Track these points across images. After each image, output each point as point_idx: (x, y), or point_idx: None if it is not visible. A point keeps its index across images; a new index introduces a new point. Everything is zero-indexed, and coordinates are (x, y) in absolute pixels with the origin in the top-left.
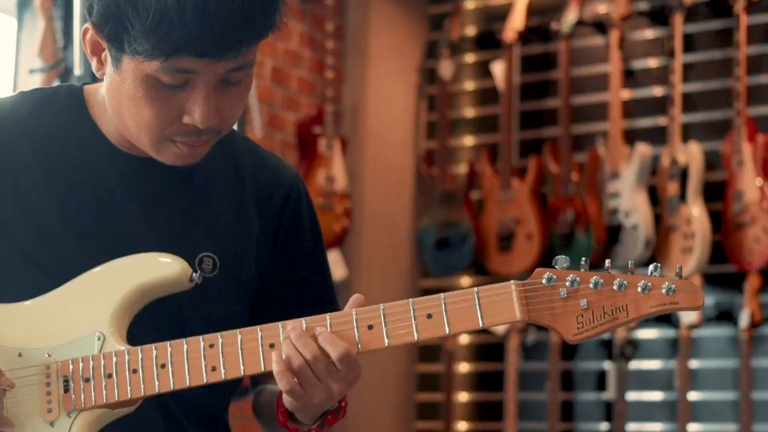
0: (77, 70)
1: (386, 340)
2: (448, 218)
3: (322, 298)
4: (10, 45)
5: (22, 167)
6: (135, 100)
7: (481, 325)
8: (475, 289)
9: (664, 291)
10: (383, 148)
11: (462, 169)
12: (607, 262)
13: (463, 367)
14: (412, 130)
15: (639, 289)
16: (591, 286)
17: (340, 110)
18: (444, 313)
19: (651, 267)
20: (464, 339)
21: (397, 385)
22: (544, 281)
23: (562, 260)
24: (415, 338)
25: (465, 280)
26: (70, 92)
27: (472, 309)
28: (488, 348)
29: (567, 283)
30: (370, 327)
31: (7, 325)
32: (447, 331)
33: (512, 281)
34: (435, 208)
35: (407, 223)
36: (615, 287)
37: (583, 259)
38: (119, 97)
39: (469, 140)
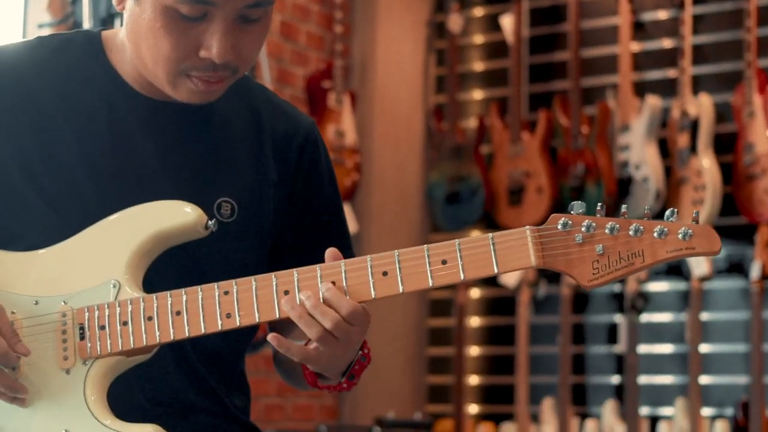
0: (86, 24)
1: (401, 287)
2: (457, 172)
3: (340, 243)
4: (18, 1)
5: (41, 107)
6: (153, 31)
7: (495, 271)
8: (490, 235)
9: (680, 236)
10: (392, 103)
11: (471, 123)
12: (623, 207)
13: (474, 321)
14: (421, 85)
15: (655, 234)
16: (607, 231)
17: (349, 65)
18: (459, 259)
19: (667, 212)
20: (475, 293)
21: (409, 340)
22: (559, 227)
23: (578, 206)
24: (430, 284)
25: (475, 234)
26: (87, 37)
27: (487, 255)
28: (499, 301)
29: (583, 229)
30: (385, 273)
31: (24, 273)
32: (462, 277)
33: (527, 227)
34: (445, 162)
35: (417, 177)
36: (631, 232)
37: (599, 204)
38: (138, 30)
39: (478, 94)
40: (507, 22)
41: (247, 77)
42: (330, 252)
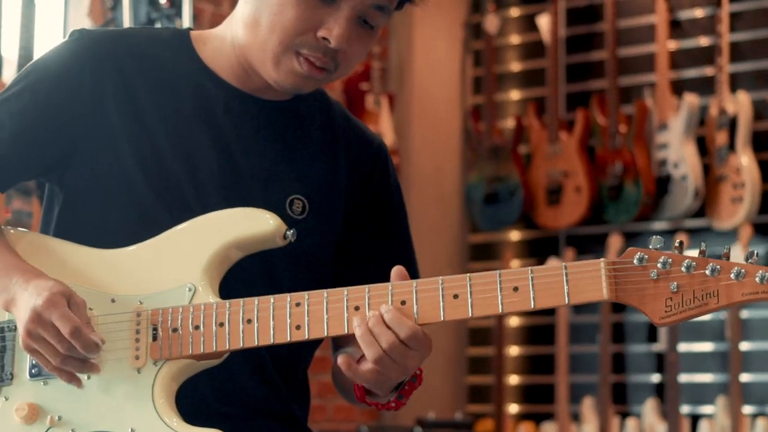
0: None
1: (471, 311)
2: (496, 173)
3: (405, 257)
4: (59, 6)
5: (130, 88)
6: (282, 1)
7: (566, 302)
8: (564, 264)
9: (757, 279)
10: (430, 104)
11: (509, 123)
12: (703, 245)
13: (514, 321)
14: (458, 86)
15: (732, 276)
16: (683, 269)
17: (386, 67)
18: (531, 287)
19: (746, 254)
20: None
21: (449, 340)
22: (635, 261)
23: (656, 241)
24: (500, 311)
25: (514, 235)
26: (176, 32)
27: (560, 285)
28: None
29: (659, 265)
30: (456, 296)
31: (104, 270)
32: (532, 306)
33: (602, 259)
34: (483, 162)
35: (455, 178)
36: (708, 272)
37: (678, 241)
38: (264, 3)
39: (515, 94)
40: (544, 22)
41: (326, 93)
42: (396, 271)
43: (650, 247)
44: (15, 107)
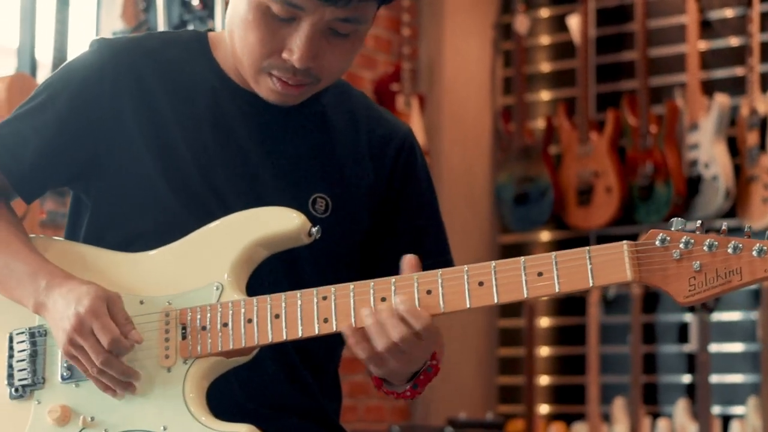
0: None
1: (496, 297)
2: (526, 173)
3: (436, 248)
4: (91, 8)
5: (148, 96)
6: (245, 23)
7: (591, 285)
8: (587, 248)
9: None
10: (460, 105)
11: (539, 123)
12: (724, 224)
13: (545, 322)
14: (488, 86)
15: (754, 253)
16: (705, 248)
17: (416, 67)
18: (555, 271)
19: None
20: None
21: (479, 341)
22: (657, 242)
23: (677, 222)
24: (525, 296)
25: (544, 235)
26: (194, 35)
27: (583, 268)
28: (569, 302)
29: (680, 245)
30: (481, 284)
31: (132, 272)
32: (557, 290)
33: (624, 242)
34: (513, 163)
35: (486, 178)
36: (729, 250)
37: (699, 221)
38: (234, 19)
39: (546, 95)
40: (574, 22)
41: (347, 84)
42: (407, 259)
43: (671, 228)
44: (38, 121)
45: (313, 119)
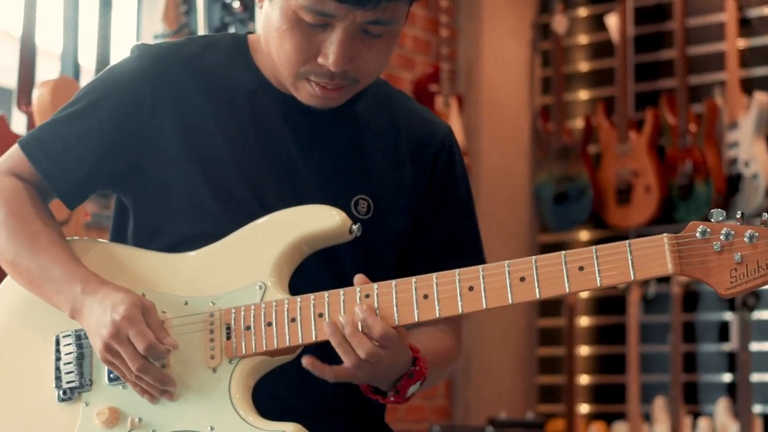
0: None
1: (538, 292)
2: (565, 173)
3: (472, 249)
4: (132, 12)
5: (188, 102)
6: (280, 32)
7: (632, 278)
8: (628, 242)
9: None
10: (499, 105)
11: (578, 123)
12: (765, 215)
13: (584, 321)
14: (527, 86)
15: None
16: (746, 239)
17: (455, 68)
18: (596, 265)
19: None
20: (584, 293)
21: (519, 341)
22: (697, 234)
23: (717, 213)
24: (567, 290)
25: (584, 234)
26: (234, 39)
27: (624, 262)
28: (609, 301)
29: (721, 237)
30: (522, 279)
31: (175, 274)
32: (598, 284)
33: (665, 234)
34: (552, 163)
35: (525, 178)
36: None
37: (739, 212)
38: (269, 29)
39: (584, 94)
40: (612, 21)
41: (387, 84)
42: (358, 277)
43: (711, 219)
44: (80, 126)
45: (353, 121)
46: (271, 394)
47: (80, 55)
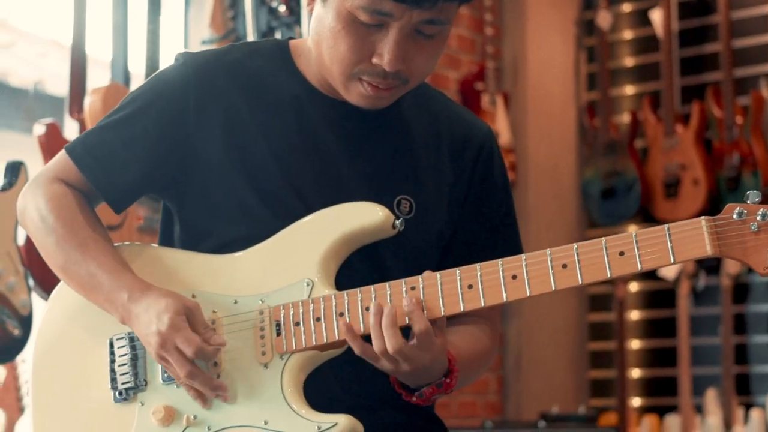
0: (249, 39)
1: (580, 278)
2: (612, 168)
3: (511, 247)
4: (179, 18)
5: (232, 108)
6: (334, 32)
7: (672, 261)
8: (666, 225)
9: None
10: (545, 102)
11: (624, 118)
12: None
13: (634, 315)
14: (572, 82)
15: None
16: None
17: (500, 66)
18: (636, 249)
19: None
20: (634, 286)
21: (570, 335)
22: (734, 216)
23: (753, 195)
24: (608, 275)
25: (632, 229)
26: (276, 44)
27: (664, 245)
28: (659, 294)
29: (758, 217)
30: (564, 266)
31: (223, 274)
32: (639, 268)
33: (702, 217)
34: (599, 158)
35: (572, 174)
36: None
37: None
38: (321, 30)
39: (630, 89)
40: (656, 16)
41: (427, 85)
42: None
43: (747, 201)
44: (126, 133)
45: (395, 122)
46: (321, 388)
47: (130, 61)
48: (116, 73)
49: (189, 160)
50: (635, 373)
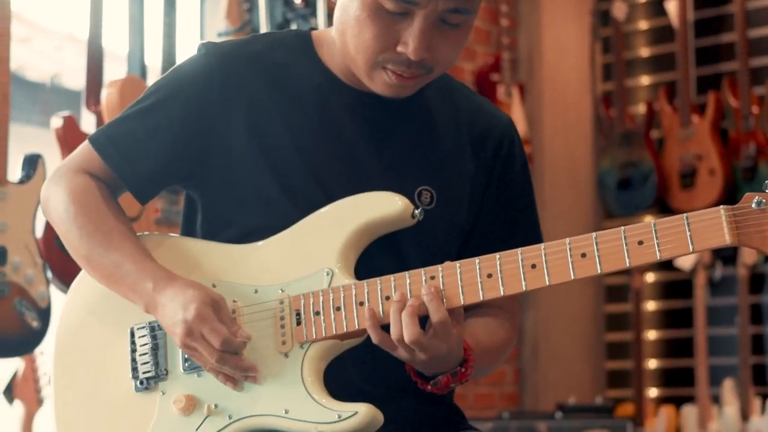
0: (263, 31)
1: (599, 267)
2: (628, 158)
3: (530, 237)
4: (195, 11)
5: (254, 98)
6: (359, 21)
7: (691, 250)
8: (685, 215)
9: None
10: (561, 92)
11: (640, 108)
12: None
13: (651, 306)
14: (588, 73)
15: None
16: None
17: (516, 57)
18: (655, 239)
19: None
20: (651, 277)
21: (586, 326)
22: (753, 205)
23: None
24: (627, 264)
25: (648, 220)
26: (298, 35)
27: (682, 234)
28: (675, 285)
29: None
30: (584, 255)
31: (244, 264)
32: (658, 257)
33: (721, 206)
34: (615, 148)
35: (588, 165)
36: None
37: None
38: (346, 18)
39: (646, 79)
40: (671, 6)
41: (448, 76)
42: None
43: (766, 190)
44: (150, 123)
45: (417, 113)
46: (341, 377)
47: (146, 55)
48: (133, 66)
49: (212, 149)
50: (652, 363)
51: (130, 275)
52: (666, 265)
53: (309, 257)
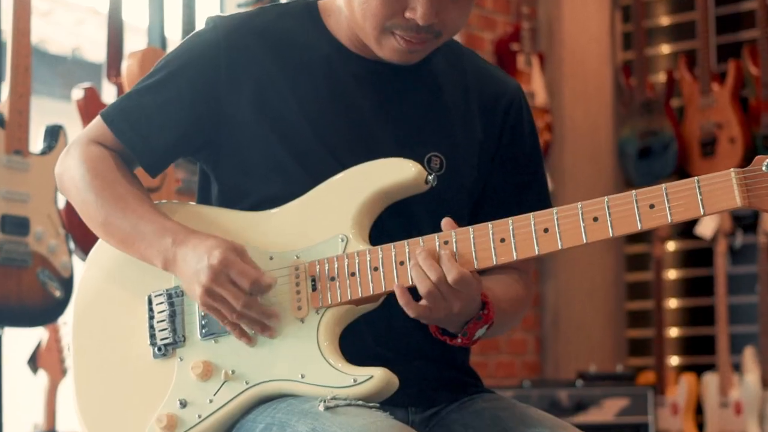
0: (282, 1)
1: (611, 231)
2: (649, 127)
3: (539, 202)
4: None
5: (262, 71)
6: None
7: (702, 213)
8: (696, 178)
9: None
10: (581, 62)
11: (660, 77)
12: None
13: (672, 274)
14: (608, 42)
15: None
16: None
17: (535, 26)
18: (666, 202)
19: None
20: (671, 246)
21: (607, 295)
22: (764, 168)
23: None
24: (639, 228)
25: None
26: (305, 5)
27: (693, 197)
28: (696, 253)
29: None
30: (596, 219)
31: (259, 230)
32: (669, 220)
33: (732, 169)
34: (635, 117)
35: (608, 134)
36: None
37: None
38: None
39: (666, 48)
40: None
41: (457, 43)
42: (445, 222)
43: None
44: (160, 97)
45: (425, 80)
46: (357, 342)
47: (166, 27)
48: (153, 38)
49: (222, 121)
50: (673, 332)
51: (149, 234)
52: (687, 234)
53: (324, 224)
